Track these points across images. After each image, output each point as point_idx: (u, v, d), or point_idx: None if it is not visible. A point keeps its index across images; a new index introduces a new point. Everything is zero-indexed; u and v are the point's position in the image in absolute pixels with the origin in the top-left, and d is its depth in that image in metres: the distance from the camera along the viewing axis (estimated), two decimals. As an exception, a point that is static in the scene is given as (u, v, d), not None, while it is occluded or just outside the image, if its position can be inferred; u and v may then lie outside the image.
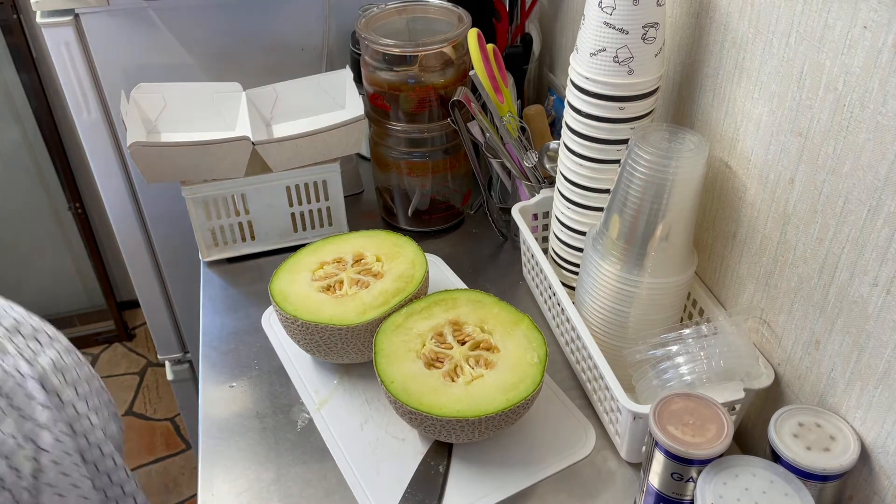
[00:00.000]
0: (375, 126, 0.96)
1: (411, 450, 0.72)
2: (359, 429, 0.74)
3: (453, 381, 0.69)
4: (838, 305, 0.59)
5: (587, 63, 0.67)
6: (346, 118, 0.90)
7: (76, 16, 1.02)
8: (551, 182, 0.88)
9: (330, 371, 0.81)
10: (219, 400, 0.79)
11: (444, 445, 0.72)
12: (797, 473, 0.56)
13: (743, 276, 0.71)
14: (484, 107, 0.90)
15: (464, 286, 0.91)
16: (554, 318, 0.84)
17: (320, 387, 0.79)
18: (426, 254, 0.94)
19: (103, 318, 2.16)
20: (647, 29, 0.64)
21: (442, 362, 0.70)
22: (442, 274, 0.95)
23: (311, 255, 0.83)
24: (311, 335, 0.75)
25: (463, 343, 0.72)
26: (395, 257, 0.82)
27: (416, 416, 0.66)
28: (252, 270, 0.97)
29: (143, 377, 2.08)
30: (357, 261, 0.82)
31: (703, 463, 0.56)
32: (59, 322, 2.15)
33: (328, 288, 0.79)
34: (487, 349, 0.72)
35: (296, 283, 0.79)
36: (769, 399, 0.70)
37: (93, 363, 2.13)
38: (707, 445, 0.56)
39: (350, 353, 0.76)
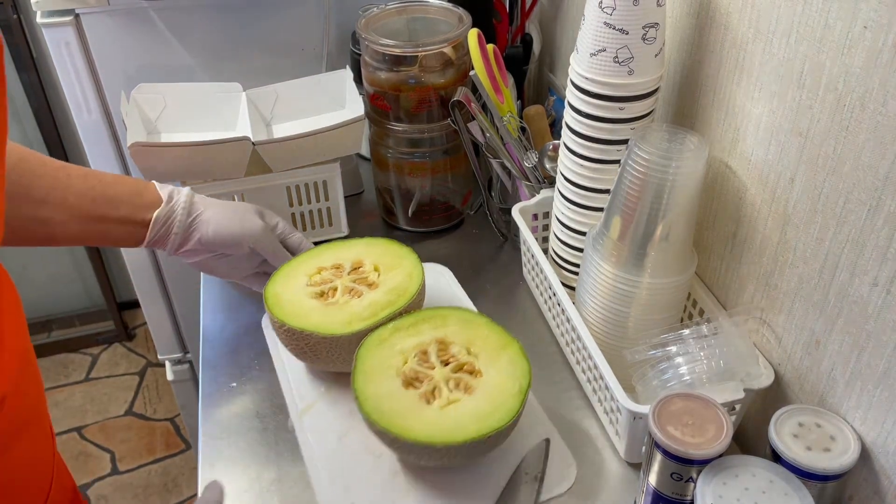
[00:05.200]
0: (375, 126, 0.96)
1: (386, 467, 0.70)
2: (337, 440, 0.72)
3: (429, 403, 0.66)
4: (838, 305, 0.59)
5: (587, 63, 0.67)
6: (346, 118, 0.90)
7: (76, 16, 1.02)
8: (551, 182, 0.88)
9: (319, 378, 0.79)
10: (219, 400, 0.79)
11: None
12: (797, 473, 0.56)
13: (743, 276, 0.71)
14: (484, 107, 0.90)
15: (468, 301, 0.88)
16: (554, 318, 0.84)
17: (307, 392, 0.77)
18: (434, 264, 0.92)
19: (103, 318, 2.16)
20: (647, 29, 0.64)
21: (421, 382, 0.68)
22: (448, 286, 0.91)
23: (312, 259, 0.81)
24: (297, 341, 0.73)
25: (446, 364, 0.69)
26: (393, 268, 0.79)
27: (385, 436, 0.64)
28: (252, 270, 0.97)
29: (143, 377, 2.08)
30: (355, 268, 0.80)
31: (703, 463, 0.56)
32: (59, 322, 2.15)
33: (321, 294, 0.77)
34: (470, 372, 0.69)
35: (291, 287, 0.77)
36: (769, 399, 0.70)
37: (93, 363, 2.13)
38: (707, 445, 0.56)
39: (336, 362, 0.74)
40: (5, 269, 0.57)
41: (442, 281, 0.91)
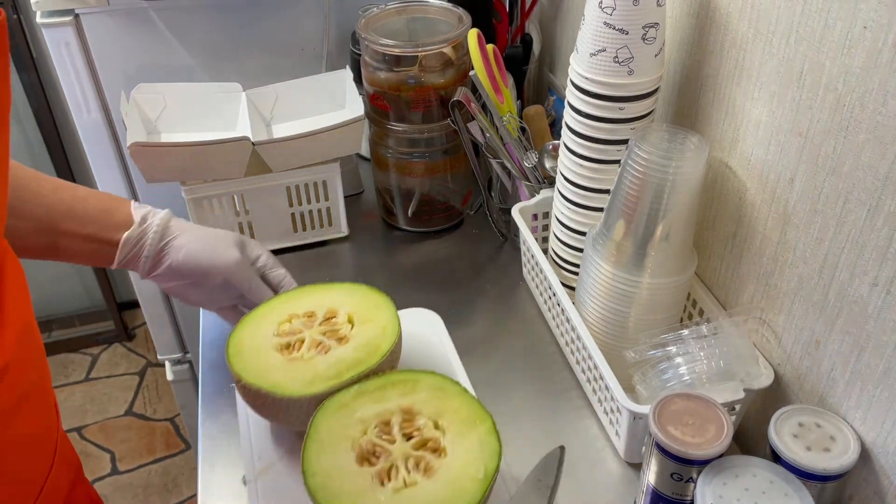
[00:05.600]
0: (375, 126, 0.96)
1: None
2: None
3: (382, 483, 0.59)
4: (838, 305, 0.59)
5: (587, 63, 0.67)
6: (346, 118, 0.90)
7: (76, 16, 1.02)
8: (551, 182, 0.88)
9: (283, 436, 0.71)
10: (219, 400, 0.79)
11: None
12: (797, 473, 0.56)
13: (743, 276, 0.71)
14: (484, 107, 0.90)
15: (455, 356, 0.78)
16: (554, 318, 0.84)
17: (266, 452, 0.69)
18: (425, 310, 0.84)
19: (103, 318, 2.16)
20: (647, 29, 0.64)
21: (378, 457, 0.61)
22: (436, 336, 0.81)
23: (284, 304, 0.74)
24: (253, 399, 0.66)
25: (409, 438, 0.62)
26: (368, 321, 0.71)
27: None
28: (252, 270, 0.97)
29: (143, 377, 2.08)
30: (328, 318, 0.72)
31: (703, 463, 0.56)
32: (59, 322, 2.15)
33: (287, 346, 0.69)
34: (434, 450, 0.62)
35: (256, 336, 0.70)
36: (769, 399, 0.70)
37: (93, 363, 2.13)
38: (707, 446, 0.56)
39: (294, 423, 0.67)
40: (9, 246, 0.57)
41: (430, 330, 0.81)
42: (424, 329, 0.81)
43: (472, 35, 0.87)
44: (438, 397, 0.65)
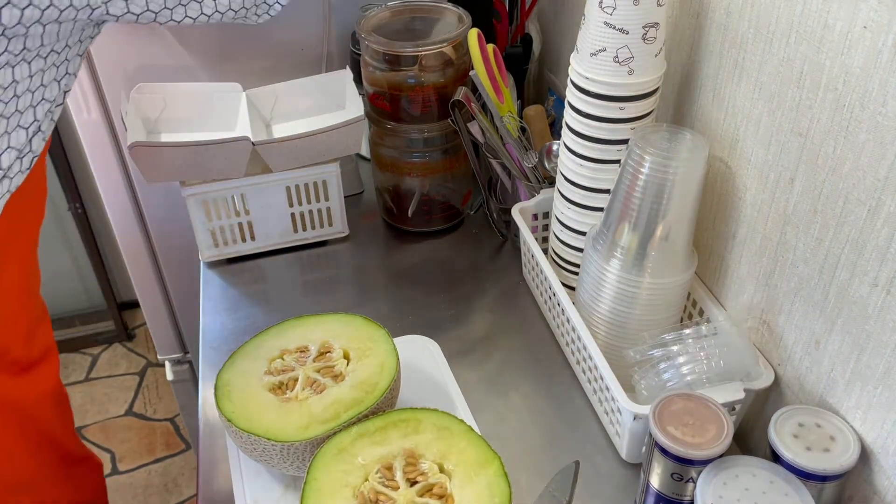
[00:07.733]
0: (375, 126, 0.96)
1: None
2: None
3: None
4: (838, 305, 0.59)
5: (587, 63, 0.67)
6: (346, 118, 0.90)
7: (76, 16, 1.02)
8: (551, 182, 0.88)
9: (278, 477, 0.69)
10: (219, 400, 0.79)
11: None
12: (797, 473, 0.56)
13: (743, 276, 0.71)
14: (484, 107, 0.90)
15: (453, 382, 0.76)
16: (554, 318, 0.84)
17: (261, 495, 0.67)
18: (421, 336, 0.82)
19: (103, 318, 2.16)
20: (647, 29, 0.64)
21: None
22: (433, 362, 0.79)
23: (275, 339, 0.71)
24: (246, 445, 0.64)
25: (413, 483, 0.60)
26: (364, 355, 0.68)
27: None
28: (252, 270, 0.97)
29: (143, 377, 2.08)
30: (322, 353, 0.70)
31: (703, 463, 0.56)
32: (59, 322, 2.15)
33: (279, 386, 0.67)
34: (440, 497, 0.59)
35: (246, 374, 0.67)
36: (769, 399, 0.70)
37: (93, 363, 2.13)
38: (707, 446, 0.56)
39: (289, 468, 0.65)
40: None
41: (429, 360, 0.80)
42: (423, 359, 0.79)
43: (472, 35, 0.87)
44: (443, 437, 0.63)
